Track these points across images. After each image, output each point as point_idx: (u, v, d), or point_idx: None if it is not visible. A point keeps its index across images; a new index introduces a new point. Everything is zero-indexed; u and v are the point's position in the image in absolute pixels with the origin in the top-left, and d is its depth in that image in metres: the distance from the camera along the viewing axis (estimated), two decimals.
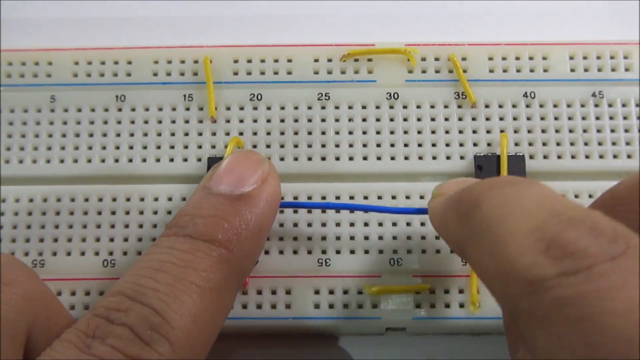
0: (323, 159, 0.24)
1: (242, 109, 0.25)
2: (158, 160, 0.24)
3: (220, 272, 0.18)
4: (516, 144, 0.24)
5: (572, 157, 0.24)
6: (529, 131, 0.24)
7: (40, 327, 0.17)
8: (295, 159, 0.24)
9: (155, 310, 0.16)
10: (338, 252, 0.23)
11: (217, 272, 0.18)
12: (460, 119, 0.24)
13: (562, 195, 0.15)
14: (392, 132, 0.24)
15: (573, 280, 0.12)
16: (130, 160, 0.24)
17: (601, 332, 0.11)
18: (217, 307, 0.18)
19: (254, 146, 0.24)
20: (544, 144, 0.24)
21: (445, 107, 0.25)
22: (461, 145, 0.24)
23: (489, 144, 0.24)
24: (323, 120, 0.25)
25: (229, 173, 0.20)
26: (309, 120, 0.25)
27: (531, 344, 0.13)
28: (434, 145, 0.24)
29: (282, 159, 0.24)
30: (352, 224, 0.23)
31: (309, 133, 0.24)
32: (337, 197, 0.24)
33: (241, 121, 0.25)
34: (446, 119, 0.24)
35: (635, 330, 0.11)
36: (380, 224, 0.23)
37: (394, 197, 0.24)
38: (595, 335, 0.11)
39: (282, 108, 0.25)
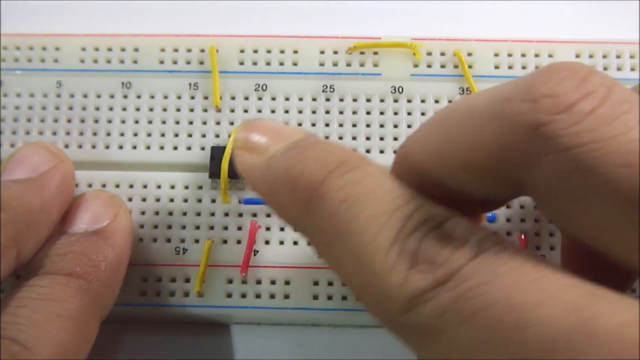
0: None
1: (246, 98, 0.25)
2: (162, 148, 0.24)
3: (80, 300, 0.19)
4: None
5: None
6: None
7: None
8: None
9: (14, 340, 0.17)
10: None
11: (77, 301, 0.18)
12: None
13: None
14: (395, 126, 0.24)
15: (450, 285, 0.13)
16: (135, 147, 0.24)
17: (487, 326, 0.12)
18: (81, 334, 0.18)
19: None
20: None
21: (450, 102, 0.24)
22: None
23: None
24: (327, 112, 0.25)
25: (82, 213, 0.21)
26: (313, 112, 0.25)
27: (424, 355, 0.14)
28: None
29: None
30: None
31: (313, 124, 0.24)
32: None
33: (245, 111, 0.25)
34: None
35: (514, 315, 0.12)
36: None
37: None
38: (484, 329, 0.12)
39: (287, 99, 0.25)
